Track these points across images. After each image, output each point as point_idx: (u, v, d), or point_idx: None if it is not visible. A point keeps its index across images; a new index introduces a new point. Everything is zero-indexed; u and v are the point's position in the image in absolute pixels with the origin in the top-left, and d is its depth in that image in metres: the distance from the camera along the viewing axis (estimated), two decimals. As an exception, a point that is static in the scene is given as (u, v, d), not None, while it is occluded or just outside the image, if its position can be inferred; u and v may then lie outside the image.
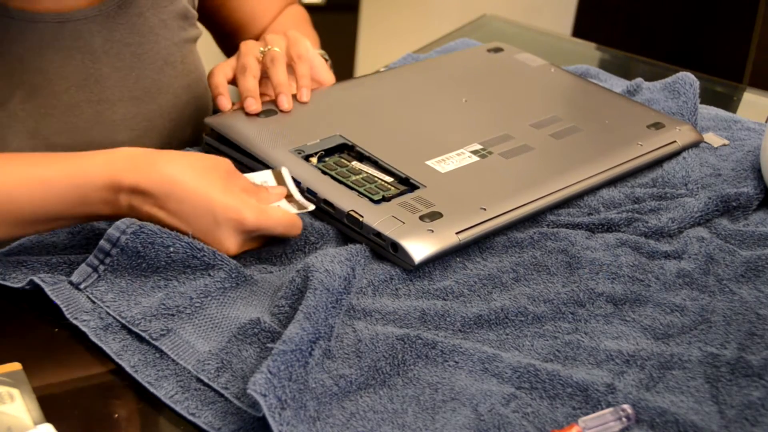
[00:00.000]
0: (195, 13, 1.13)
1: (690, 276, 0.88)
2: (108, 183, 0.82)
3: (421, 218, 0.87)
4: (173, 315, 0.78)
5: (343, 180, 0.92)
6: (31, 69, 0.98)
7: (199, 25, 1.16)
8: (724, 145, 1.12)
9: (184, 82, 1.10)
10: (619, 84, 1.27)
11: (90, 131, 1.02)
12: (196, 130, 1.13)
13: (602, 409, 0.72)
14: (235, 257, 0.85)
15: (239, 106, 1.02)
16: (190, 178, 0.83)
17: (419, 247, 0.85)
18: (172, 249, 0.81)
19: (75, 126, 1.01)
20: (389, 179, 0.94)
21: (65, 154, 0.84)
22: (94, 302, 0.79)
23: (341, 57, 2.89)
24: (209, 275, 0.82)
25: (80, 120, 1.01)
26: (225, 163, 0.87)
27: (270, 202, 0.88)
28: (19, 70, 0.98)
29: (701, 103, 1.20)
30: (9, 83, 0.97)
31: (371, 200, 0.89)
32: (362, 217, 0.87)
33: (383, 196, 0.90)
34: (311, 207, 0.90)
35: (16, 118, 0.98)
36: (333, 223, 0.90)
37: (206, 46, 1.21)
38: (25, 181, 0.82)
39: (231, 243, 0.84)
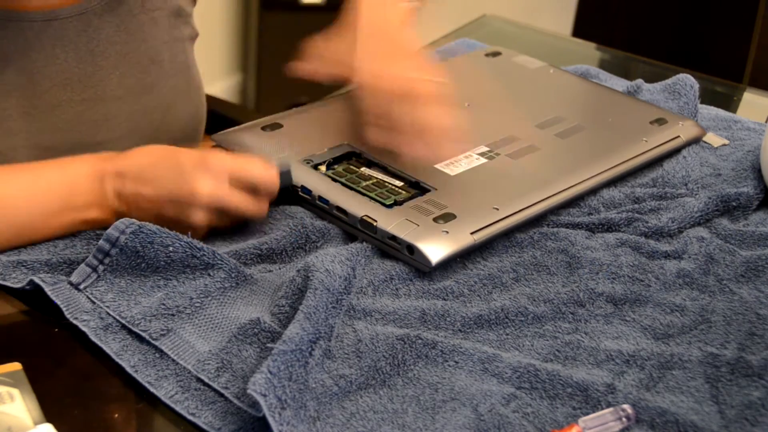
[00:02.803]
0: (190, 11, 1.12)
1: (690, 276, 0.88)
2: (93, 172, 0.86)
3: (435, 220, 0.87)
4: (173, 315, 0.78)
5: (354, 186, 0.92)
6: (14, 68, 0.97)
7: (196, 24, 1.15)
8: (724, 145, 1.12)
9: (171, 82, 1.09)
10: (619, 84, 1.27)
11: (72, 131, 1.01)
12: (185, 130, 1.12)
13: (602, 409, 0.72)
14: (234, 257, 0.85)
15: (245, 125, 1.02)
16: (159, 150, 0.88)
17: (435, 249, 0.85)
18: (171, 249, 0.81)
19: (56, 126, 1.00)
20: (399, 183, 0.94)
21: (49, 161, 0.89)
22: (93, 302, 0.79)
23: (341, 57, 2.89)
24: (209, 275, 0.82)
25: (61, 120, 1.01)
26: (197, 152, 0.89)
27: None
28: (1, 69, 0.97)
29: (701, 103, 1.20)
30: None
31: (383, 205, 0.89)
32: (376, 221, 0.87)
33: (395, 200, 0.90)
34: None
35: None
36: (346, 228, 0.90)
37: (203, 47, 1.20)
38: (11, 191, 0.85)
39: (203, 185, 0.84)
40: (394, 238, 0.86)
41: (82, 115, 1.02)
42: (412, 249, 0.85)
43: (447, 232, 0.86)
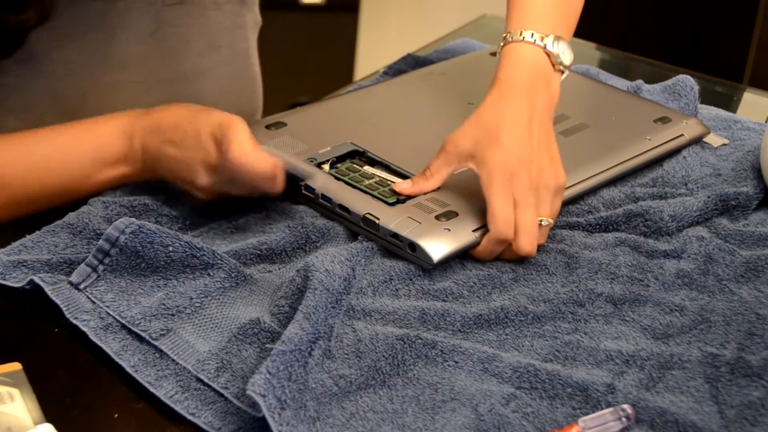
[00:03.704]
0: None
1: (689, 276, 0.88)
2: (122, 129, 0.89)
3: (437, 218, 0.87)
4: (173, 315, 0.78)
5: (357, 185, 0.92)
6: (76, 47, 0.98)
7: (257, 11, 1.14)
8: (724, 144, 1.12)
9: (228, 69, 1.09)
10: (619, 84, 1.27)
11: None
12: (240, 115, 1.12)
13: (602, 409, 0.72)
14: (234, 257, 0.85)
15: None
16: (182, 111, 0.89)
17: (437, 246, 0.85)
18: (171, 249, 0.81)
19: (113, 107, 1.00)
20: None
21: (79, 122, 0.91)
22: (93, 302, 0.79)
23: (341, 57, 2.89)
24: (209, 275, 0.82)
25: (118, 102, 1.01)
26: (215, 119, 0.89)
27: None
28: (63, 46, 0.97)
29: (701, 103, 1.20)
30: (52, 58, 0.98)
31: (386, 203, 0.90)
32: (378, 219, 0.87)
33: (397, 198, 0.91)
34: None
35: (52, 91, 0.99)
36: (349, 226, 0.90)
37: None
38: (44, 154, 0.88)
39: (212, 151, 0.85)
40: (396, 235, 0.86)
41: (137, 97, 1.03)
42: (414, 246, 0.85)
43: (449, 229, 0.86)
